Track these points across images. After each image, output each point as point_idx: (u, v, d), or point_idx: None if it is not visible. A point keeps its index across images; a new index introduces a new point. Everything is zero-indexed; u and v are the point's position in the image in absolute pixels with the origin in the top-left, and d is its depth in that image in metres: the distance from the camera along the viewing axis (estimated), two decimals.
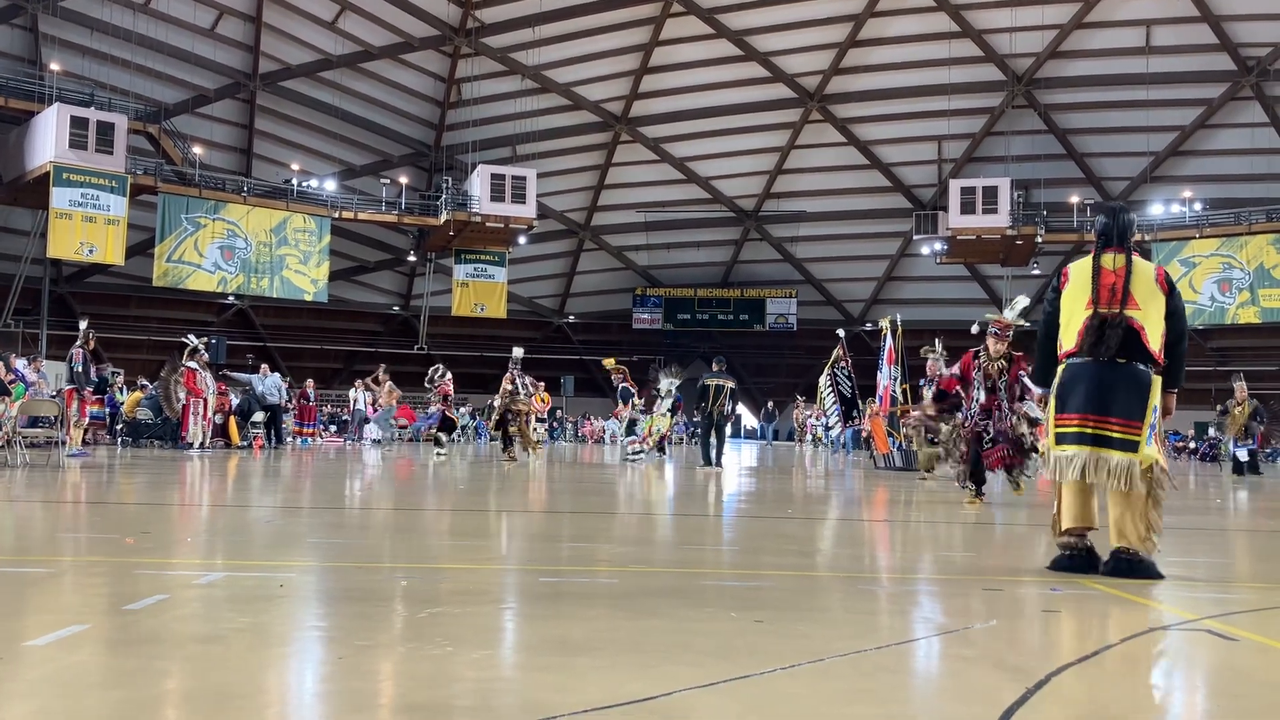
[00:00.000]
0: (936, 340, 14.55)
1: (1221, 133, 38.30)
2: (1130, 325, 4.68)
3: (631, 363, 23.64)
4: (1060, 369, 4.86)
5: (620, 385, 19.86)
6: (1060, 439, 4.76)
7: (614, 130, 41.70)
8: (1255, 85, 36.12)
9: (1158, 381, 4.73)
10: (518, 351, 17.65)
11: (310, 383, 25.72)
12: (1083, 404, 4.70)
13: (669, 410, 19.34)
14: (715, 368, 17.03)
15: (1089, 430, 4.66)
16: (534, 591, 4.16)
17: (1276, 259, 35.58)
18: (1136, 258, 4.87)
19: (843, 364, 19.20)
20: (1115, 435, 4.63)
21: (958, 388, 9.67)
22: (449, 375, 18.67)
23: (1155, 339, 4.71)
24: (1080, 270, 4.92)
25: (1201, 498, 11.83)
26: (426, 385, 18.69)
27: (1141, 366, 4.69)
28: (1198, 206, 37.73)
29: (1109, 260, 4.83)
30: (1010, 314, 9.48)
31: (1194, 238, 36.89)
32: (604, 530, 6.98)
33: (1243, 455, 18.01)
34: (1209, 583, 4.84)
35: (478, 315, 40.81)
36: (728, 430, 18.10)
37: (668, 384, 18.48)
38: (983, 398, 9.27)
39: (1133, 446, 4.62)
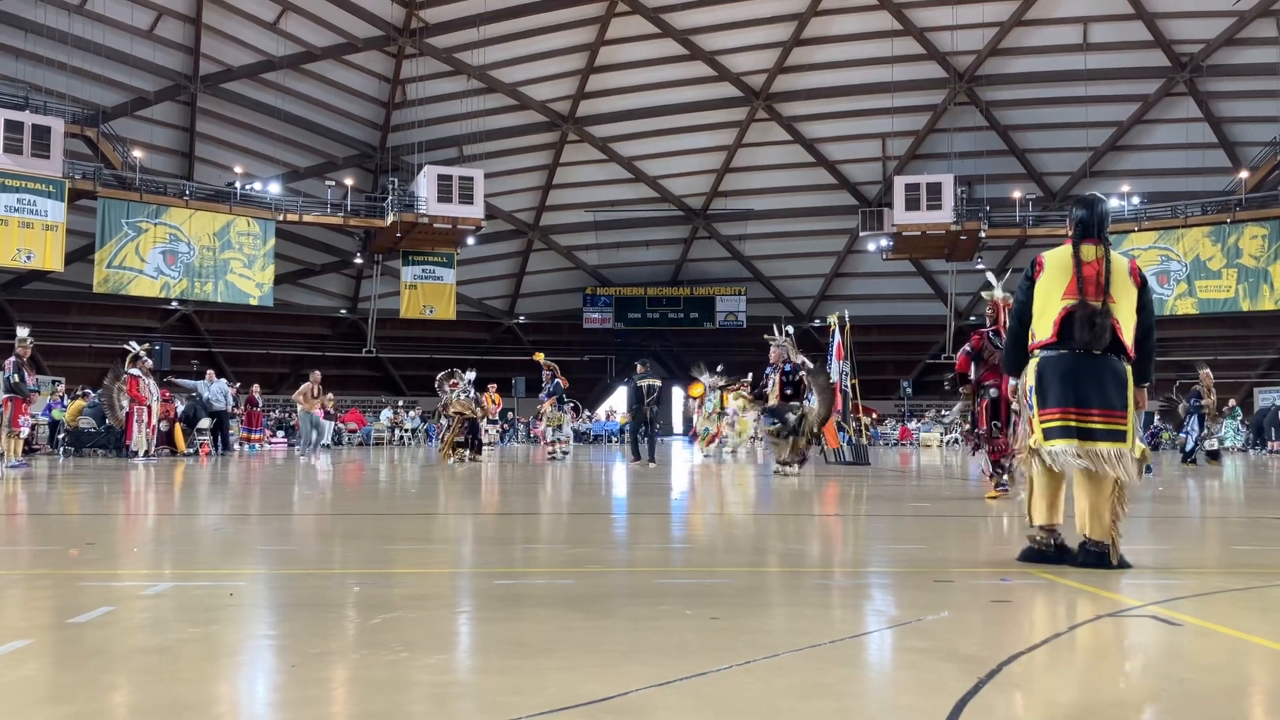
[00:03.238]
0: (776, 326, 14.75)
1: (1158, 128, 39.13)
2: (1111, 319, 4.71)
3: (584, 363, 23.72)
4: (1034, 361, 4.84)
5: (553, 380, 19.76)
6: (1047, 434, 4.75)
7: (561, 130, 41.65)
8: (1189, 81, 36.92)
9: (1130, 373, 4.78)
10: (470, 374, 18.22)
11: (256, 388, 25.40)
12: (1061, 397, 4.71)
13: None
14: (641, 369, 17.55)
15: (1072, 423, 4.68)
16: (489, 594, 4.15)
17: (1212, 251, 36.41)
18: (1111, 250, 4.90)
19: None
20: (1098, 426, 4.65)
21: (970, 368, 9.39)
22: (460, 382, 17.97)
23: (1128, 332, 4.75)
24: (1058, 260, 4.89)
25: (1145, 486, 12.03)
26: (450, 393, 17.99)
27: (1116, 358, 4.73)
28: (1136, 200, 38.52)
29: (1087, 251, 4.82)
30: (998, 292, 9.35)
31: (1133, 231, 37.64)
32: (557, 531, 6.98)
33: (1210, 444, 17.82)
34: (1153, 570, 4.93)
35: (426, 317, 40.57)
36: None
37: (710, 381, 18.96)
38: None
39: (1120, 436, 4.64)
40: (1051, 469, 4.75)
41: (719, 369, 20.92)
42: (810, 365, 14.58)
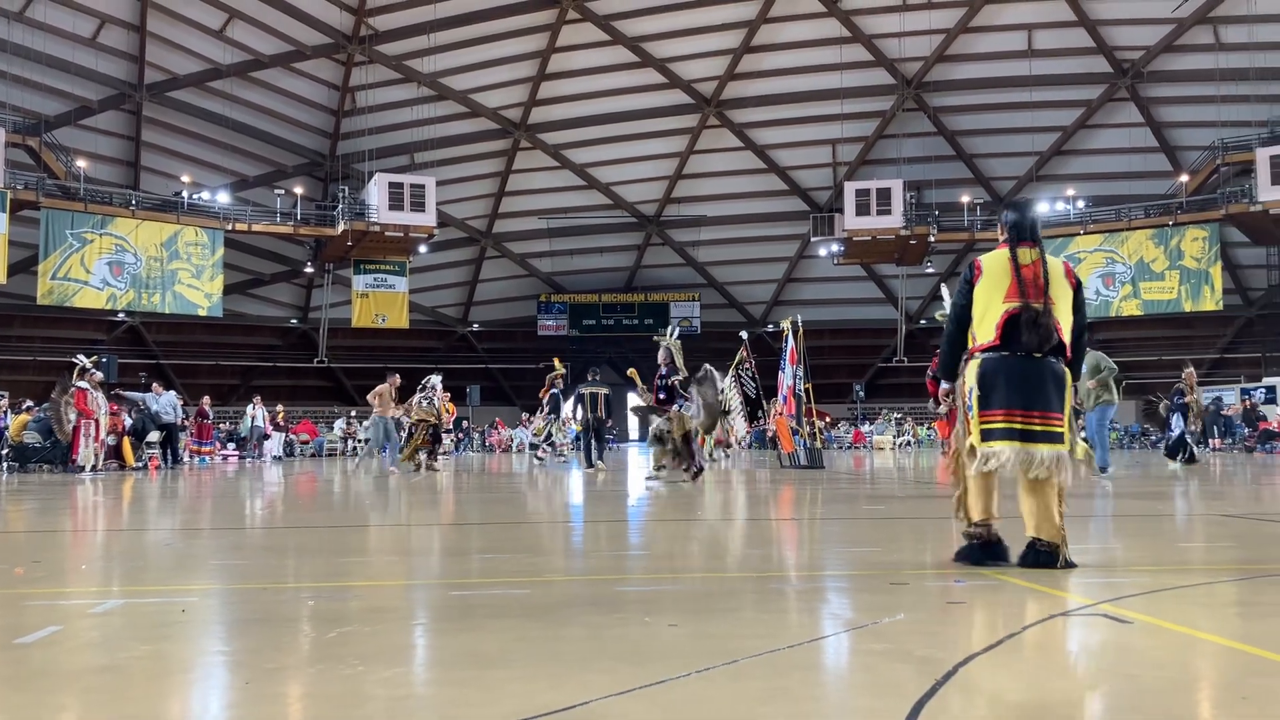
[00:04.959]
0: (671, 331, 15.00)
1: (1101, 133, 39.85)
2: (1053, 319, 4.78)
3: (538, 370, 23.64)
4: (975, 363, 4.86)
5: (556, 393, 20.06)
6: (987, 435, 4.77)
7: (513, 137, 41.57)
8: (1130, 87, 37.65)
9: (1068, 374, 4.85)
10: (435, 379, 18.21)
11: (207, 399, 25.08)
12: (1006, 399, 4.73)
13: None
14: (591, 377, 17.86)
15: (1016, 425, 4.71)
16: (445, 606, 4.12)
17: (1155, 253, 37.14)
18: (1046, 254, 4.96)
19: (746, 365, 19.44)
20: (1038, 429, 4.70)
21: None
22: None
23: (1067, 333, 4.83)
24: (996, 263, 4.91)
25: (1089, 485, 12.20)
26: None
27: (1054, 360, 4.79)
28: (1081, 204, 39.20)
29: (1024, 254, 4.87)
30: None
31: (1078, 234, 38.30)
32: (512, 540, 6.94)
33: (1191, 442, 17.80)
34: (1103, 568, 5.01)
35: (379, 326, 40.24)
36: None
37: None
38: None
39: (1058, 438, 4.70)
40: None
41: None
42: (685, 374, 14.59)
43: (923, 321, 44.82)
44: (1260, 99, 35.14)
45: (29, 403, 21.91)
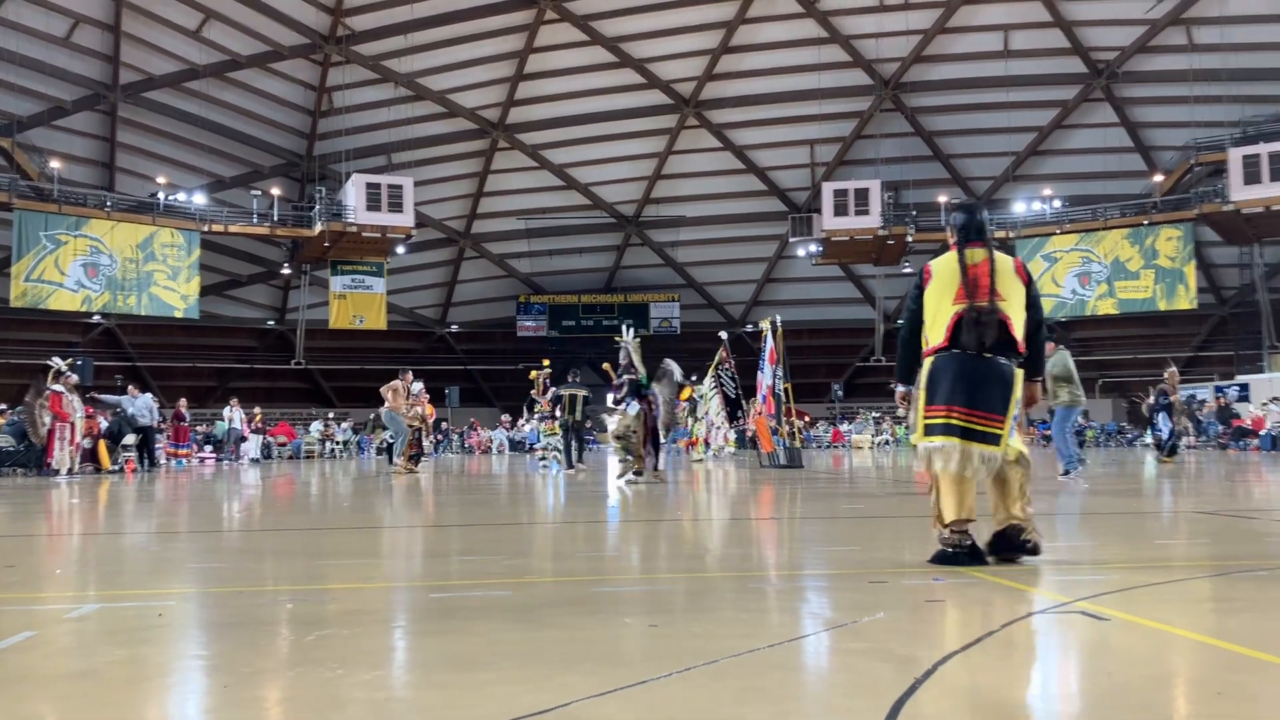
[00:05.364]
0: (626, 330, 15.06)
1: (1077, 133, 40.12)
2: (999, 317, 4.81)
3: (518, 371, 23.68)
4: (927, 362, 4.93)
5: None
6: (929, 430, 4.84)
7: (491, 137, 41.47)
8: (1105, 87, 37.92)
9: (1020, 374, 4.88)
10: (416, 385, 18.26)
11: (184, 402, 24.89)
12: (949, 396, 4.79)
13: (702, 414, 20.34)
14: (571, 379, 17.88)
15: (955, 422, 4.76)
16: (425, 608, 4.11)
17: (1130, 252, 37.44)
18: (995, 251, 5.01)
19: (726, 365, 19.49)
20: (978, 428, 4.75)
21: None
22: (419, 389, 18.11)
23: (1020, 329, 4.86)
24: (944, 267, 4.99)
25: (1059, 481, 12.27)
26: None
27: (1004, 360, 4.82)
28: (1057, 204, 39.48)
29: (972, 255, 4.94)
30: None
31: (1054, 234, 38.56)
32: (493, 542, 6.92)
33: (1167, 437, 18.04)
34: (1079, 565, 5.04)
35: (356, 327, 40.04)
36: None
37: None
38: None
39: (994, 439, 4.75)
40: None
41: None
42: (641, 372, 14.53)
43: (899, 321, 44.99)
44: (1233, 99, 35.44)
45: (2, 406, 21.72)
